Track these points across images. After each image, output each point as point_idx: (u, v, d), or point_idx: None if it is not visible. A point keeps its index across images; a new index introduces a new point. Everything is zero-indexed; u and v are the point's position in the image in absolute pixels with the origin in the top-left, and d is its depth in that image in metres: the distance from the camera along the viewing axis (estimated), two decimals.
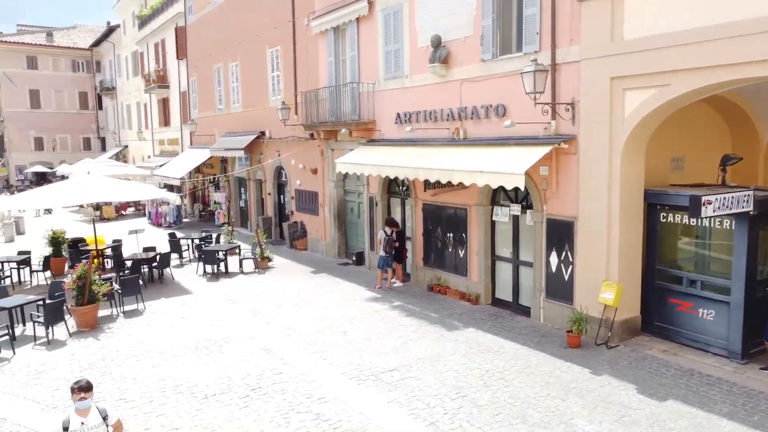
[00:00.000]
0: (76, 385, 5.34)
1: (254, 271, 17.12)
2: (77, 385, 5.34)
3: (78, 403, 5.27)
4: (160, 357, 10.39)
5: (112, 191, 15.03)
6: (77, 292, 12.11)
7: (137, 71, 39.65)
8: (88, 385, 5.36)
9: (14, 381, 9.55)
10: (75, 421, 5.22)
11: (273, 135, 21.46)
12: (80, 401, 5.27)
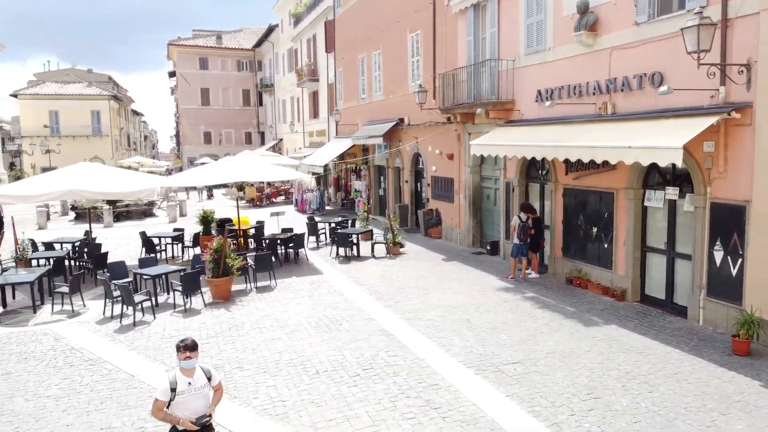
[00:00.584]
0: (182, 344, 5.14)
1: (385, 256, 16.87)
2: (183, 344, 5.14)
3: (183, 363, 5.08)
4: (281, 331, 10.39)
5: (253, 171, 15.58)
6: (213, 265, 12.60)
7: (292, 67, 41.66)
8: (193, 344, 5.16)
9: (149, 343, 10.04)
10: (182, 381, 5.04)
11: (411, 121, 21.14)
12: (186, 360, 5.08)
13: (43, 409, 7.53)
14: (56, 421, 7.15)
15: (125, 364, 9.06)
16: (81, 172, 14.68)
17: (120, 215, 26.46)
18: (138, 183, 14.80)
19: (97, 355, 9.49)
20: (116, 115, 63.97)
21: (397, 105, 22.37)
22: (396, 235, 17.06)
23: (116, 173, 15.21)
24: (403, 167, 22.65)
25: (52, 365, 9.09)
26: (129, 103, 78.68)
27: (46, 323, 11.40)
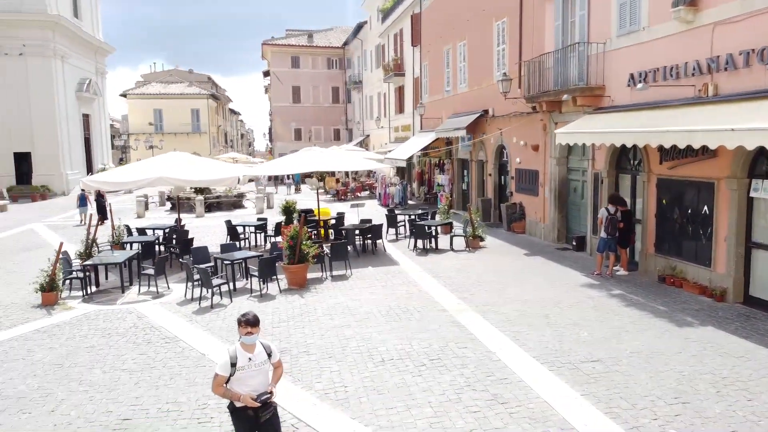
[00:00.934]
0: (243, 318, 4.93)
1: (464, 249, 16.41)
2: (244, 319, 4.92)
3: (244, 338, 4.93)
4: (352, 318, 10.26)
5: (331, 160, 15.61)
6: (289, 252, 12.70)
7: (379, 63, 41.83)
8: (255, 319, 4.93)
9: (224, 324, 10.22)
10: (242, 357, 4.89)
11: (495, 112, 20.49)
12: (247, 336, 4.92)
13: (117, 381, 7.78)
14: (127, 393, 7.35)
15: (198, 343, 9.24)
16: (170, 160, 15.27)
17: (211, 206, 27.55)
18: (222, 171, 15.22)
19: (174, 333, 9.75)
20: (214, 114, 67.10)
21: (481, 96, 21.78)
22: (476, 228, 16.55)
23: (203, 162, 15.72)
24: (486, 160, 22.03)
25: (132, 341, 9.42)
26: (226, 103, 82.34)
27: (132, 302, 11.91)
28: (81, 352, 8.95)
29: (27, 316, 10.99)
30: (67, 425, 6.51)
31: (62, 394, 7.37)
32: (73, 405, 7.03)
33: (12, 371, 8.19)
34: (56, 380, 7.83)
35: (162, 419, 6.62)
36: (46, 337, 9.70)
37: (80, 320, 10.68)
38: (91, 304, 11.87)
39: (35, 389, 7.56)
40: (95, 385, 7.63)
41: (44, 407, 6.99)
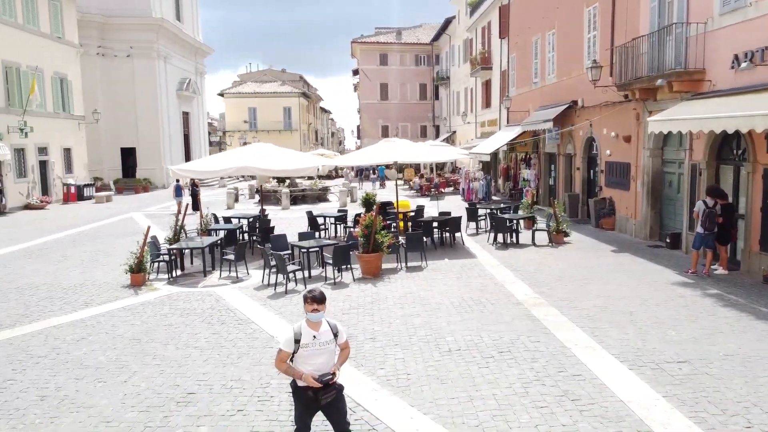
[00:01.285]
0: (309, 295, 4.74)
1: (547, 245, 15.71)
2: (310, 295, 4.74)
3: (310, 315, 4.72)
4: (422, 308, 10.03)
5: (410, 152, 15.44)
6: (364, 241, 12.64)
7: (466, 58, 41.23)
8: (321, 296, 4.74)
9: (295, 309, 10.28)
10: (307, 334, 4.70)
11: (585, 103, 19.52)
12: (312, 313, 4.71)
13: (188, 357, 7.98)
14: (196, 369, 7.51)
15: (269, 326, 9.35)
16: (254, 151, 15.67)
17: (296, 199, 28.19)
18: (302, 161, 15.43)
19: (247, 316, 9.92)
20: (305, 111, 68.88)
21: (570, 87, 20.84)
22: (560, 222, 15.80)
23: (284, 152, 16.02)
24: (575, 153, 21.06)
25: (207, 321, 9.68)
26: (317, 101, 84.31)
27: (212, 286, 12.29)
28: (159, 329, 9.29)
29: (116, 295, 11.59)
30: (136, 395, 6.72)
31: (136, 367, 7.64)
32: (144, 377, 7.27)
33: (95, 344, 8.61)
34: (132, 354, 8.14)
35: (224, 395, 6.68)
36: (130, 315, 10.16)
37: (163, 300, 11.12)
38: (175, 286, 12.35)
39: (113, 361, 7.90)
40: (167, 360, 7.87)
41: (118, 378, 7.27)
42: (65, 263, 14.75)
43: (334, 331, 4.83)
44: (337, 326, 4.89)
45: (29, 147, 27.08)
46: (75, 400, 6.61)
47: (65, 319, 9.90)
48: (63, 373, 7.47)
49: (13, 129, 25.31)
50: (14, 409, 6.41)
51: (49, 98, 29.02)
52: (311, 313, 4.73)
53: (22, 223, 22.22)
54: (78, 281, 12.73)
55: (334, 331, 4.83)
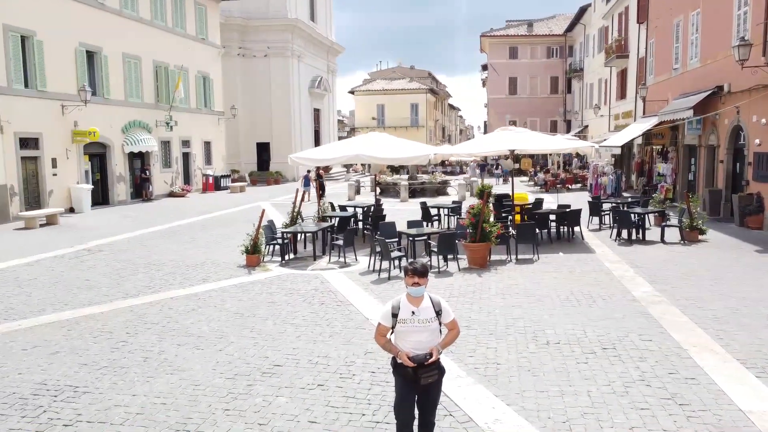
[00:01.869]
0: (410, 267, 4.34)
1: (678, 242, 14.28)
2: (411, 267, 4.33)
3: (410, 289, 4.34)
4: (525, 299, 9.49)
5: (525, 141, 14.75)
6: (471, 229, 12.26)
7: (601, 47, 38.92)
8: (423, 269, 4.33)
9: (395, 293, 10.07)
10: (405, 309, 4.33)
11: (732, 88, 17.53)
12: (413, 287, 4.31)
13: (283, 332, 8.15)
14: (288, 344, 7.64)
15: (366, 308, 9.32)
16: (368, 140, 15.83)
17: (415, 191, 28.18)
18: (413, 150, 15.33)
19: (347, 298, 9.98)
20: (432, 108, 69.00)
21: (715, 71, 18.83)
22: (694, 218, 14.30)
23: (397, 141, 16.02)
24: (718, 144, 19.01)
25: (308, 301, 9.85)
26: (446, 98, 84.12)
27: (320, 269, 12.54)
28: (262, 305, 9.61)
29: (231, 273, 12.20)
30: (227, 363, 6.95)
31: (233, 338, 7.93)
32: (238, 348, 7.51)
33: (202, 315, 9.08)
34: (233, 326, 8.47)
35: (308, 369, 6.71)
36: (240, 291, 10.62)
37: (272, 280, 11.52)
38: (286, 268, 12.76)
39: (215, 331, 8.26)
40: (263, 334, 8.09)
41: (215, 347, 7.58)
42: (192, 244, 15.83)
43: (437, 308, 4.40)
44: (440, 303, 4.44)
45: (174, 140, 29.57)
46: (173, 364, 6.97)
47: (182, 293, 10.56)
48: (168, 339, 7.93)
49: (161, 123, 27.76)
50: (119, 367, 6.89)
51: (192, 95, 31.49)
52: (411, 287, 4.34)
53: (163, 209, 24.30)
54: (200, 260, 13.57)
55: (437, 308, 4.40)
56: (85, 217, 21.28)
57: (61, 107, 21.56)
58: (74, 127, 22.19)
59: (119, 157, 25.25)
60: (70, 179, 22.17)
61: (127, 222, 20.02)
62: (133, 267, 12.84)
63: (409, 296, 4.37)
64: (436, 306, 4.39)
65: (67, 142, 22.05)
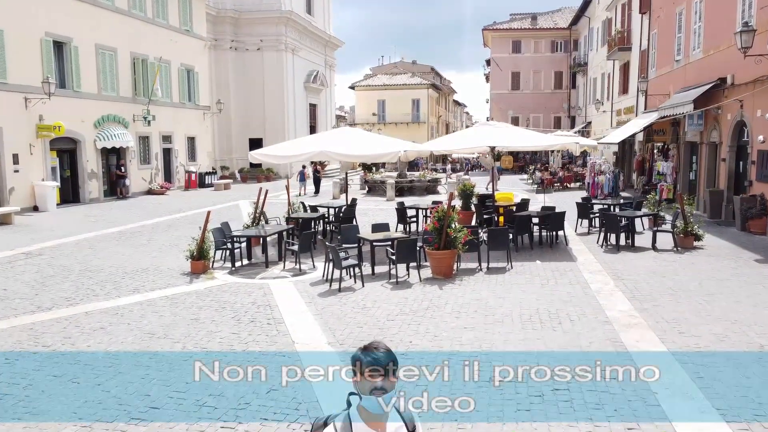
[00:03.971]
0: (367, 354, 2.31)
1: (671, 249, 12.92)
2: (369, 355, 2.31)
3: (368, 400, 2.29)
4: (482, 319, 8.23)
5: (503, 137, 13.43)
6: (435, 235, 10.98)
7: (604, 40, 37.38)
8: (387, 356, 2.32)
9: (339, 311, 8.96)
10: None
11: (736, 80, 16.10)
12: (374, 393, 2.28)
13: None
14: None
15: (298, 329, 8.12)
16: (335, 135, 14.60)
17: (403, 190, 26.89)
18: (384, 147, 14.07)
19: (283, 315, 8.77)
20: (434, 104, 67.52)
21: (717, 62, 17.40)
22: (688, 222, 12.93)
23: (368, 137, 14.77)
24: (720, 141, 17.57)
25: (237, 318, 8.66)
26: (450, 94, 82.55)
27: (269, 278, 11.33)
28: (183, 324, 8.41)
29: (169, 282, 11.02)
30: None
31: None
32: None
33: (107, 336, 7.89)
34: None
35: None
36: (168, 305, 9.43)
37: (211, 291, 10.33)
38: (235, 276, 11.57)
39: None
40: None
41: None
42: (145, 247, 14.66)
43: (411, 428, 2.42)
44: (414, 419, 2.46)
45: (154, 135, 28.43)
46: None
47: (101, 306, 9.38)
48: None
49: (138, 118, 26.62)
50: None
51: (175, 89, 30.33)
52: (371, 393, 2.27)
53: (136, 207, 23.15)
54: (144, 266, 12.40)
55: (411, 428, 2.42)
56: (47, 216, 20.17)
57: (24, 100, 20.44)
58: (39, 121, 21.08)
59: (91, 152, 24.11)
60: (34, 176, 21.08)
61: (88, 222, 18.88)
62: (65, 274, 11.68)
63: (366, 413, 2.31)
64: (410, 425, 2.41)
65: (31, 137, 20.95)
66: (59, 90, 21.61)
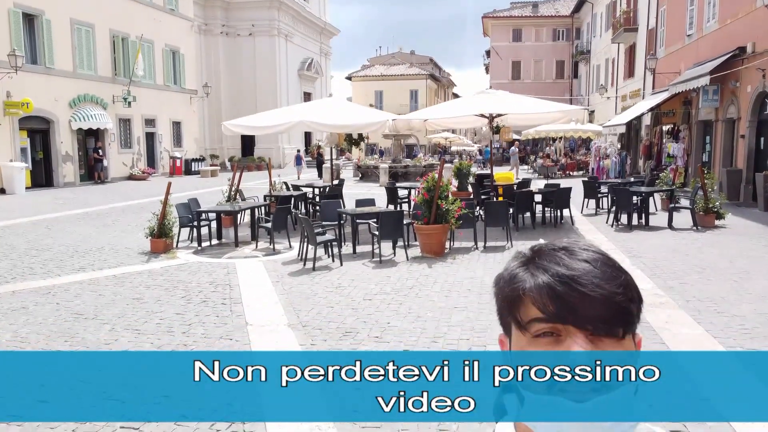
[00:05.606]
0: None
1: (690, 228, 11.56)
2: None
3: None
4: (476, 299, 6.94)
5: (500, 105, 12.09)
6: (424, 208, 9.63)
7: (608, 25, 36.01)
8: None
9: (308, 290, 7.64)
10: None
11: (757, 48, 14.74)
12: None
13: (109, 344, 5.62)
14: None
15: (255, 309, 6.82)
16: (316, 105, 13.26)
17: (397, 175, 25.51)
18: (370, 116, 12.72)
19: (241, 296, 7.45)
20: (433, 95, 66.09)
21: (736, 32, 16.05)
22: (710, 197, 11.58)
23: (350, 107, 13.44)
24: (739, 117, 16.21)
25: (187, 298, 7.34)
26: (449, 86, 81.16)
27: (237, 258, 10.01)
28: (122, 303, 7.09)
29: (122, 261, 9.70)
30: None
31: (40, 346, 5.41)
32: None
33: (27, 316, 6.58)
34: (52, 335, 5.95)
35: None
36: (113, 284, 8.12)
37: (167, 270, 9.00)
38: (199, 256, 10.23)
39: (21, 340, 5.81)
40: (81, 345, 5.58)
41: None
42: (108, 228, 13.35)
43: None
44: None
45: (135, 118, 27.05)
46: None
47: (33, 285, 8.06)
48: None
49: (118, 99, 25.24)
50: None
51: (159, 71, 28.95)
52: (568, 390, 0.77)
53: (112, 192, 21.77)
54: (99, 245, 11.06)
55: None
56: (13, 198, 18.82)
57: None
58: (7, 98, 19.72)
59: (66, 134, 22.75)
60: (1, 156, 19.72)
61: (55, 204, 17.52)
62: (6, 252, 10.34)
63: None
64: None
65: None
66: (30, 66, 20.28)
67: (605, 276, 0.79)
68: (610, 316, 0.77)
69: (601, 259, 0.82)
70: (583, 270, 0.78)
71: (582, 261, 0.80)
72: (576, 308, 0.76)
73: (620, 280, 0.80)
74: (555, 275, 0.78)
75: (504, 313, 0.87)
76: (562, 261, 0.80)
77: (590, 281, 0.77)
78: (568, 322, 0.77)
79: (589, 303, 0.76)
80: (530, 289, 0.80)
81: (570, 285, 0.77)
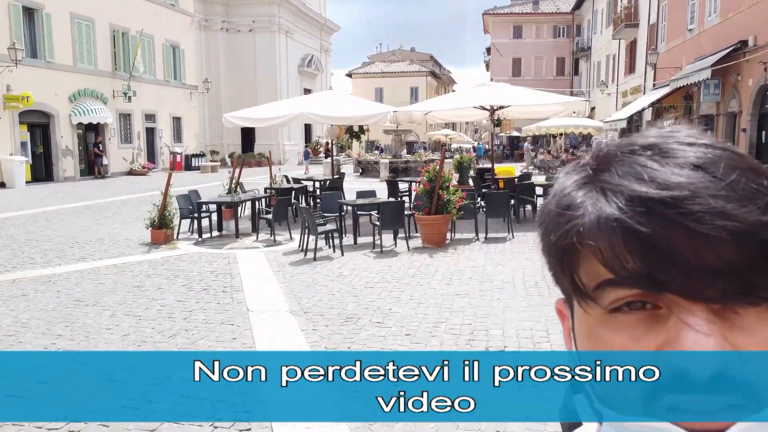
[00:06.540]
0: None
1: None
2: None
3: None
4: (478, 286, 6.91)
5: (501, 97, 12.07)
6: (425, 198, 9.61)
7: (609, 21, 35.99)
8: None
9: (308, 279, 7.63)
10: None
11: (758, 41, 14.71)
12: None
13: (109, 329, 5.62)
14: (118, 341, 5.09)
15: (257, 296, 6.80)
16: (316, 97, 13.25)
17: (398, 171, 25.50)
18: (370, 108, 12.71)
19: (243, 284, 7.44)
20: (433, 92, 66.01)
21: (737, 25, 16.03)
22: None
23: (351, 99, 13.42)
24: (740, 111, 16.21)
25: (189, 286, 7.33)
26: (449, 84, 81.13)
27: (238, 248, 10.00)
28: (122, 291, 7.09)
29: (123, 252, 9.69)
30: None
31: (28, 337, 5.39)
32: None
33: (28, 303, 6.57)
34: (52, 320, 5.95)
35: None
36: (113, 273, 8.11)
37: (168, 260, 8.99)
38: (200, 246, 10.23)
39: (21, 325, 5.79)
40: (81, 330, 5.58)
41: None
42: (108, 220, 13.33)
43: None
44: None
45: (136, 113, 27.02)
46: None
47: (33, 274, 8.05)
48: None
49: (118, 93, 25.21)
50: None
51: (159, 66, 28.91)
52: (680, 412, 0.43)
53: (112, 186, 21.77)
54: (100, 236, 11.06)
55: None
56: (13, 192, 18.80)
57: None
58: (7, 91, 19.69)
59: (66, 128, 22.72)
60: (1, 150, 19.69)
61: (55, 198, 17.51)
62: (6, 243, 10.33)
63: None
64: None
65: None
66: (29, 60, 20.25)
67: (737, 192, 0.42)
68: (753, 271, 0.41)
69: (724, 158, 0.45)
70: (690, 185, 0.42)
71: (688, 167, 0.44)
72: (684, 262, 0.41)
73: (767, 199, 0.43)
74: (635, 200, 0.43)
75: (556, 270, 0.53)
76: (650, 170, 0.44)
77: (708, 206, 0.41)
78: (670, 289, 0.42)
79: (709, 249, 0.41)
80: (590, 230, 0.45)
81: (666, 217, 0.41)
